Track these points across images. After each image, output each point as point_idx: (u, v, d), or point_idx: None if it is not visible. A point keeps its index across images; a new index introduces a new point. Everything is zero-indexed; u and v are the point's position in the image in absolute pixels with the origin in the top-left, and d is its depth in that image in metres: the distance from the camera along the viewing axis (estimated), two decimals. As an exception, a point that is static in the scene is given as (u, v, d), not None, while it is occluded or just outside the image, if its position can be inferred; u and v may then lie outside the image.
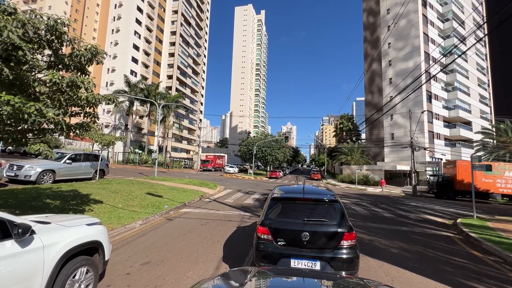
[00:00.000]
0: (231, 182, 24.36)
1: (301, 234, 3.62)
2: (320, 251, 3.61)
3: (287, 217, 3.90)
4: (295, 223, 3.77)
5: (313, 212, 3.93)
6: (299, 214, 3.89)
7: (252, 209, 10.17)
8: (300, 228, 3.68)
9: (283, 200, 4.18)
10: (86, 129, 5.31)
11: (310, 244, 3.61)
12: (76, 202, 7.80)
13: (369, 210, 11.86)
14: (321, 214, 3.92)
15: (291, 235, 3.69)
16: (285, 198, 4.22)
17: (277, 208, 4.07)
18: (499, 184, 22.47)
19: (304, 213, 3.89)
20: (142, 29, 51.57)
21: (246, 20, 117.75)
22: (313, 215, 3.89)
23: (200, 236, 6.25)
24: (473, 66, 45.81)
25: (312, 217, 3.84)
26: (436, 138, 37.65)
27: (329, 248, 3.62)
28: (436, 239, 7.00)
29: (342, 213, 3.96)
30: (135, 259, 4.64)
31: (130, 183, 12.87)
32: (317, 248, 3.63)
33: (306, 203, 4.04)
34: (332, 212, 3.97)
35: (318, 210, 3.99)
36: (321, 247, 3.63)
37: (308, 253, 3.58)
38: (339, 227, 3.74)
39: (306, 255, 3.56)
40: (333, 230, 3.70)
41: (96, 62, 5.30)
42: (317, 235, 3.66)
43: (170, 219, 7.90)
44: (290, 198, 4.21)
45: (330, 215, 3.92)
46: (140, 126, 51.04)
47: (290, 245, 3.66)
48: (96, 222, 3.68)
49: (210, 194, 13.69)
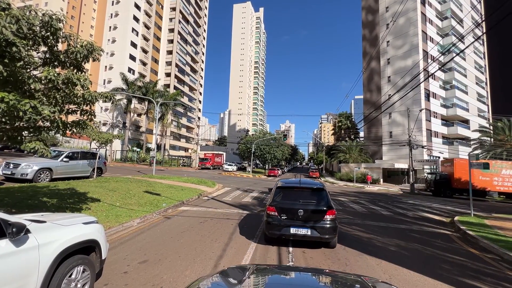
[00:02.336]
0: (230, 180, 24.35)
1: (298, 211, 5.28)
2: (311, 222, 5.23)
3: (288, 199, 5.58)
4: (293, 203, 5.44)
5: (306, 196, 5.65)
6: (296, 198, 5.60)
7: (250, 207, 10.17)
8: (297, 207, 5.33)
9: (285, 188, 5.86)
10: (83, 127, 5.25)
11: (303, 217, 5.25)
12: (74, 201, 7.75)
13: (368, 208, 11.89)
14: (311, 198, 5.61)
15: (291, 212, 5.33)
16: (287, 186, 5.89)
17: (281, 193, 5.75)
18: (496, 182, 22.58)
19: (300, 197, 5.61)
20: (140, 26, 51.20)
21: (245, 18, 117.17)
22: (306, 198, 5.59)
23: (198, 234, 6.23)
24: (471, 65, 45.92)
25: (305, 200, 5.54)
26: (434, 136, 37.80)
27: (316, 220, 5.24)
28: (434, 237, 7.02)
29: (326, 197, 5.57)
30: (132, 258, 4.62)
31: (128, 181, 12.82)
32: (308, 220, 5.25)
33: (302, 190, 5.77)
34: (319, 196, 5.62)
35: (309, 195, 5.70)
36: (311, 220, 5.26)
37: (302, 224, 5.22)
38: (324, 206, 5.35)
39: (301, 225, 5.21)
40: (319, 208, 5.34)
41: (93, 59, 5.24)
42: (309, 211, 5.30)
43: (168, 218, 7.88)
44: (290, 187, 5.88)
45: (318, 198, 5.58)
46: (138, 124, 50.85)
47: (290, 218, 5.31)
48: (93, 220, 3.64)
49: (209, 192, 13.67)
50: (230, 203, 10.89)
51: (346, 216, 9.58)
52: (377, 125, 42.30)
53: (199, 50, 71.17)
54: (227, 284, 1.65)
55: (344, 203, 12.99)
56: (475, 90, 45.94)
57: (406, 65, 37.82)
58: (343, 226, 7.89)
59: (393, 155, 38.95)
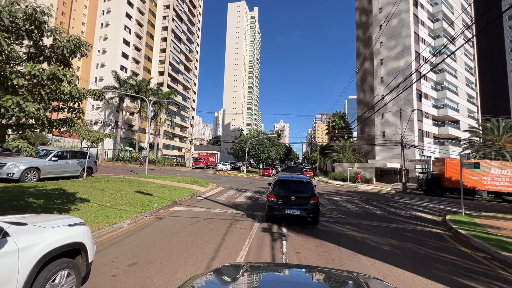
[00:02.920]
0: (224, 180, 24.19)
1: (290, 197, 7.25)
2: (300, 205, 7.16)
3: (283, 189, 7.54)
4: (287, 192, 7.40)
5: (297, 187, 7.65)
6: (289, 188, 7.59)
7: (244, 207, 10.07)
8: (290, 194, 7.29)
9: (281, 181, 7.96)
10: (70, 125, 5.07)
11: (295, 202, 7.21)
12: (61, 201, 7.51)
13: (361, 207, 11.94)
14: (301, 188, 7.62)
15: (285, 198, 7.26)
16: (283, 180, 8.03)
17: (278, 185, 7.75)
18: (485, 182, 23.02)
19: (292, 187, 7.62)
20: (133, 23, 50.43)
21: (239, 17, 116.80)
22: (297, 188, 7.59)
23: (190, 235, 6.11)
24: (461, 66, 46.80)
25: (296, 189, 7.55)
26: (425, 136, 38.39)
27: (303, 204, 7.18)
28: (426, 236, 7.06)
29: (312, 187, 7.61)
30: (122, 260, 4.47)
31: (119, 181, 12.56)
32: (298, 204, 7.20)
33: (294, 183, 7.87)
34: (306, 187, 7.65)
35: (299, 186, 7.74)
36: (300, 204, 7.20)
37: (293, 207, 7.15)
38: (309, 194, 7.32)
39: (293, 207, 7.14)
40: (306, 195, 7.29)
41: (80, 55, 5.05)
42: (298, 198, 7.25)
43: (160, 218, 7.72)
44: (285, 180, 7.99)
45: (305, 188, 7.59)
46: (131, 123, 50.12)
47: (284, 203, 7.23)
48: (79, 222, 3.49)
49: (202, 192, 13.51)
50: (224, 203, 10.77)
51: (340, 215, 9.58)
52: (370, 125, 42.72)
53: (193, 48, 70.59)
54: (221, 282, 1.65)
55: (338, 203, 13.02)
56: (465, 91, 46.85)
57: (399, 66, 38.29)
58: (337, 225, 7.88)
59: (386, 155, 39.40)
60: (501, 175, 22.85)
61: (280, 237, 6.26)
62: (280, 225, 7.42)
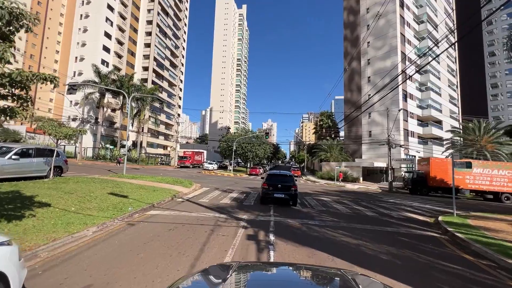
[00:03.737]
0: (209, 180, 23.28)
1: (278, 185, 10.68)
2: (285, 191, 10.49)
3: (273, 180, 10.97)
4: (276, 180, 10.93)
5: (282, 179, 11.07)
6: (277, 179, 11.01)
7: (228, 210, 9.30)
8: (278, 184, 10.74)
9: (272, 174, 11.59)
10: (10, 115, 4.13)
11: (281, 188, 10.58)
12: (14, 207, 6.47)
13: (351, 208, 11.48)
14: (285, 179, 11.02)
15: (274, 186, 10.65)
16: (273, 174, 11.70)
17: (269, 177, 11.29)
18: (468, 180, 23.39)
19: (279, 179, 11.04)
20: (115, 16, 48.16)
21: (228, 14, 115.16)
22: (282, 179, 11.04)
23: (164, 245, 5.29)
24: (444, 68, 48.03)
25: (282, 180, 10.98)
26: (410, 136, 39.02)
27: (288, 190, 10.53)
28: (424, 241, 6.60)
29: (293, 179, 11.20)
30: (72, 282, 3.62)
31: (91, 181, 11.44)
32: (283, 190, 10.54)
33: (280, 176, 11.34)
34: (289, 179, 11.11)
35: (284, 178, 11.15)
36: (284, 190, 10.53)
37: (280, 192, 10.51)
38: (291, 184, 10.81)
39: (279, 192, 10.53)
40: (289, 184, 10.74)
41: (25, 30, 4.13)
42: (284, 186, 10.65)
43: (132, 224, 6.83)
44: (274, 174, 11.66)
45: (288, 180, 11.04)
46: (113, 120, 47.97)
47: (274, 189, 10.57)
48: (2, 242, 2.63)
49: (184, 193, 12.62)
50: (207, 206, 9.95)
51: (331, 218, 9.01)
52: (357, 124, 42.99)
53: (179, 44, 68.66)
54: (208, 283, 1.61)
55: (327, 204, 12.51)
56: (448, 93, 48.14)
57: (386, 66, 38.64)
58: (329, 230, 7.28)
59: (372, 154, 39.74)
60: (483, 174, 23.30)
61: (267, 246, 5.56)
62: (267, 231, 6.72)
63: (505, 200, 22.89)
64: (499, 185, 23.07)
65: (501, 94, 69.00)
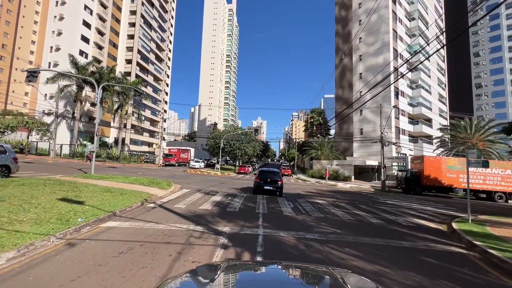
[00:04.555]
0: (193, 179, 21.46)
1: (268, 179, 14.43)
2: (273, 184, 14.25)
3: (263, 175, 14.73)
4: (266, 176, 14.69)
5: (271, 174, 14.90)
6: (267, 174, 14.83)
7: (207, 220, 7.59)
8: (267, 178, 14.48)
9: (263, 171, 15.35)
10: None
11: (270, 182, 14.29)
12: None
13: (352, 214, 10.06)
14: (273, 174, 14.87)
15: (264, 180, 14.36)
16: (263, 170, 15.48)
17: (261, 173, 15.05)
18: (462, 179, 22.82)
19: (269, 174, 14.88)
20: (95, 4, 45.07)
21: (217, 9, 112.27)
22: (271, 174, 14.83)
23: (103, 283, 3.59)
24: (434, 66, 47.92)
25: (271, 175, 14.76)
26: (401, 134, 38.46)
27: (275, 184, 14.29)
28: (454, 262, 5.19)
29: (280, 175, 15.21)
30: None
31: (42, 184, 9.46)
32: (272, 183, 14.28)
33: (270, 171, 15.27)
34: (277, 174, 15.00)
35: (273, 173, 14.95)
36: (273, 183, 14.28)
37: (269, 184, 14.22)
38: (278, 178, 14.59)
39: (268, 185, 14.22)
40: (276, 179, 14.52)
41: None
42: (272, 180, 14.41)
43: (72, 245, 5.05)
44: (265, 170, 15.45)
45: (276, 175, 14.85)
46: (92, 115, 45.02)
47: (264, 182, 14.26)
48: None
49: (159, 196, 10.83)
50: (181, 213, 8.23)
51: (333, 229, 7.34)
52: (348, 122, 42.10)
53: (166, 37, 65.78)
54: (197, 283, 1.53)
55: (324, 208, 11.02)
56: (437, 91, 48.11)
57: (378, 62, 37.83)
58: (333, 249, 5.74)
59: (364, 152, 38.96)
60: (476, 173, 22.70)
61: (253, 278, 3.97)
62: (253, 252, 5.12)
63: (498, 199, 22.45)
64: (492, 184, 22.60)
65: (484, 94, 70.42)
